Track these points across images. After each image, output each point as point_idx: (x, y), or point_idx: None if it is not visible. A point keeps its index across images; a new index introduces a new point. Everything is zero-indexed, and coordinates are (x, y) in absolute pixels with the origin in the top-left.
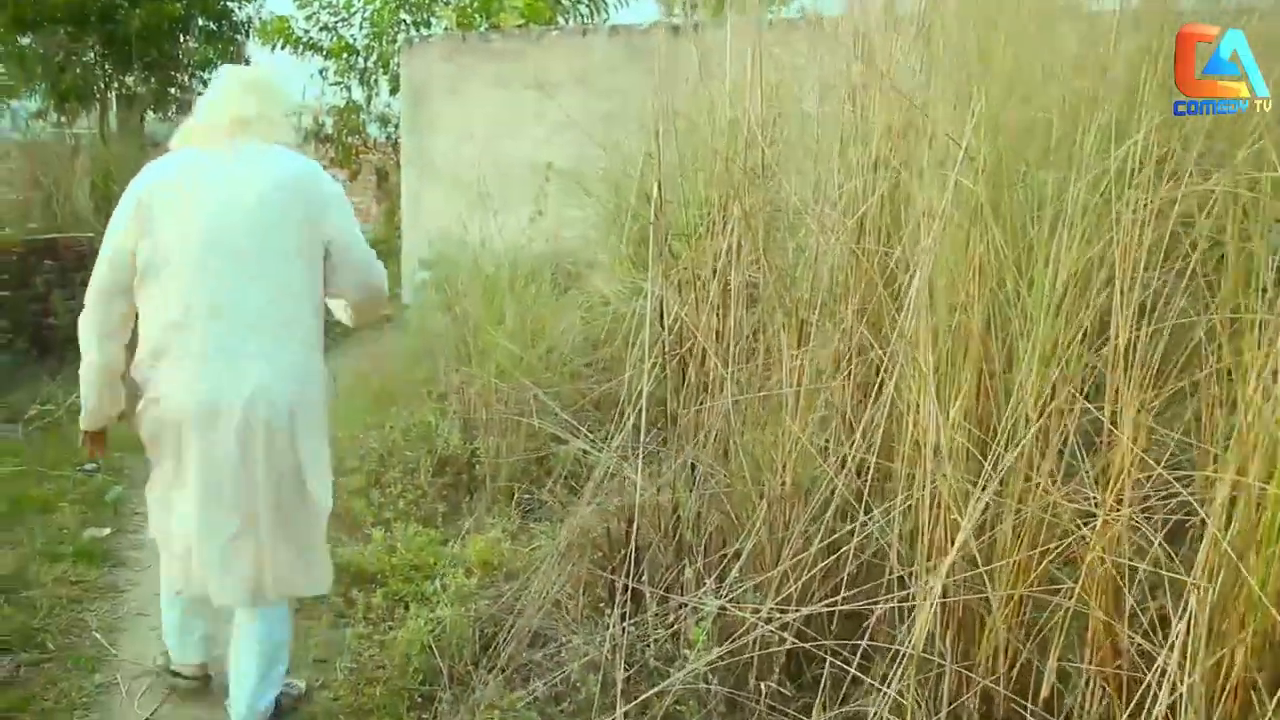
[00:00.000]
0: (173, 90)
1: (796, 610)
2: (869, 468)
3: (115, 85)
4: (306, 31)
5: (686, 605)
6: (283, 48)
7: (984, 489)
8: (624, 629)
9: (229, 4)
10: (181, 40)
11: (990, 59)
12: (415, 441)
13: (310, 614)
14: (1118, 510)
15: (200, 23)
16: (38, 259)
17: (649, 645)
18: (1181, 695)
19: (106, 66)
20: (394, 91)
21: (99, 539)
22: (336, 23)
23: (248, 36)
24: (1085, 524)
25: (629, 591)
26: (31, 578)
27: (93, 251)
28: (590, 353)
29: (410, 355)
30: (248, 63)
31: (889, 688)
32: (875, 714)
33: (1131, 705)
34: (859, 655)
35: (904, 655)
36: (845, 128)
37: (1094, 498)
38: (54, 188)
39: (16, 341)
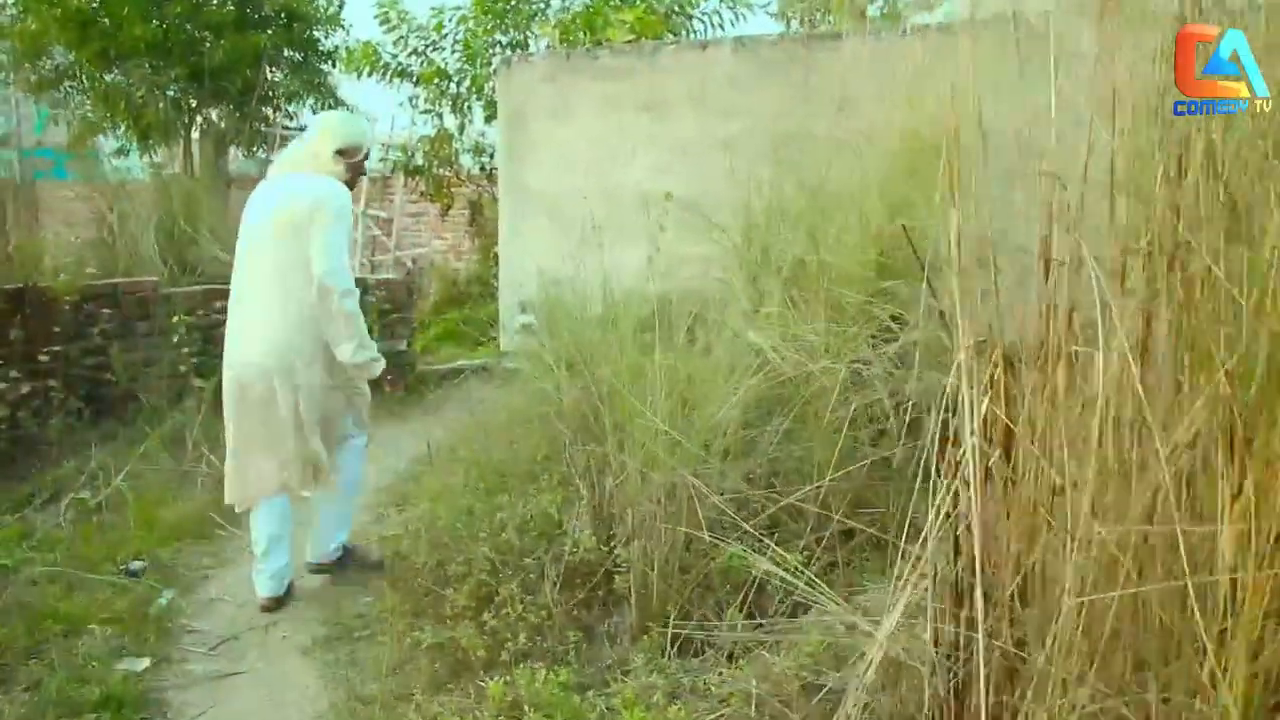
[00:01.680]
0: (257, 124)
1: None
2: None
3: (199, 120)
4: (395, 57)
5: None
6: (370, 75)
7: None
8: None
9: (315, 33)
10: (266, 72)
11: None
12: (534, 540)
13: None
14: None
15: (286, 53)
16: (96, 307)
17: None
18: None
19: (190, 101)
20: (489, 119)
21: (135, 674)
22: (426, 47)
23: (334, 66)
24: None
25: None
26: None
27: (158, 296)
28: (751, 423)
29: (518, 420)
30: (334, 93)
31: None
32: None
33: None
34: None
35: None
36: None
37: None
38: (117, 227)
39: (69, 401)
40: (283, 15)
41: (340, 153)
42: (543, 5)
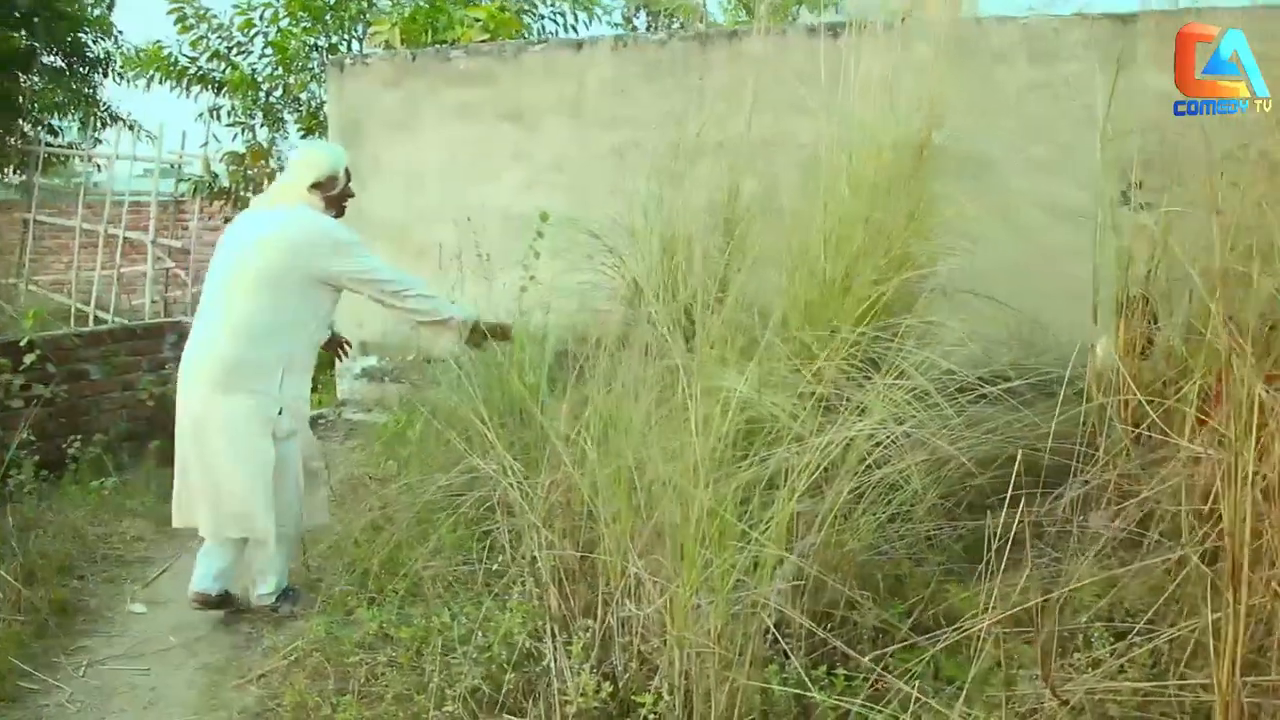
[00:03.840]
0: (12, 140)
1: None
2: None
3: None
4: (193, 60)
5: None
6: (161, 82)
7: None
8: None
9: (81, 37)
10: (22, 80)
11: None
12: (501, 679)
13: None
14: None
15: (46, 60)
16: None
17: None
18: None
19: None
20: (307, 132)
21: None
22: (230, 50)
23: (106, 75)
24: None
25: None
26: None
27: None
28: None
29: (410, 497)
30: (105, 106)
31: None
32: None
33: None
34: None
35: None
36: None
37: None
38: None
39: None
40: (39, 14)
41: (316, 185)
42: (368, 4)
